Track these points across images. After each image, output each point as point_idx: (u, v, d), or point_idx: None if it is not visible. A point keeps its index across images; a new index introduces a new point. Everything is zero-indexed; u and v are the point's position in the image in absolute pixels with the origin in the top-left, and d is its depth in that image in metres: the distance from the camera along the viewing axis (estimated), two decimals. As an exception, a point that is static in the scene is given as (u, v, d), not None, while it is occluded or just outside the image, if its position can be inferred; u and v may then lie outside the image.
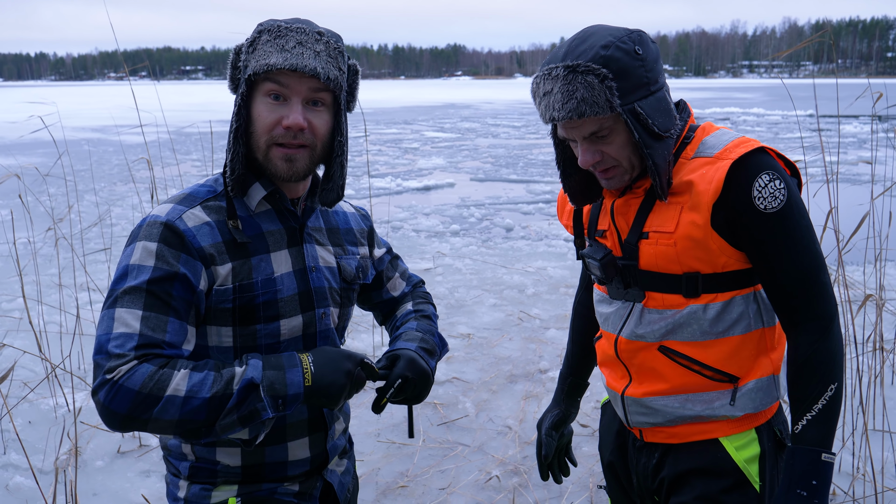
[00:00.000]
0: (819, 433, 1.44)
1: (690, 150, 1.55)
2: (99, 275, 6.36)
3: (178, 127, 22.00)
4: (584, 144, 1.52)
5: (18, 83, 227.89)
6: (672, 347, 1.58)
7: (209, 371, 1.31)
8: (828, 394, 1.45)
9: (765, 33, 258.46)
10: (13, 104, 38.92)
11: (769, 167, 1.46)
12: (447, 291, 6.39)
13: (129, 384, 1.26)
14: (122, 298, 1.34)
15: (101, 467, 3.50)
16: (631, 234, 1.58)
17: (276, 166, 1.44)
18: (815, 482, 1.42)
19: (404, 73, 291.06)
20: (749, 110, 34.25)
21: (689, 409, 1.60)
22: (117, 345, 1.30)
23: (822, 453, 1.43)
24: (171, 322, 1.35)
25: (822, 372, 1.46)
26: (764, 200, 1.45)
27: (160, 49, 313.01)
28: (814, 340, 1.47)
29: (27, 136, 5.08)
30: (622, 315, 1.65)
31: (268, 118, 1.42)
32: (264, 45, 1.40)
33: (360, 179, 13.10)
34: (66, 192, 5.53)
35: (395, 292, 1.79)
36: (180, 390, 1.28)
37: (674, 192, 1.52)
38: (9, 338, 4.81)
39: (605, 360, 1.75)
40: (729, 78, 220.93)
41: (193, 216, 1.43)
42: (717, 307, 1.54)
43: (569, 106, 1.45)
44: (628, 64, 1.45)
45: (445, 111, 38.60)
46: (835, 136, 20.83)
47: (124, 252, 1.42)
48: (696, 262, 1.52)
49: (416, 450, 3.67)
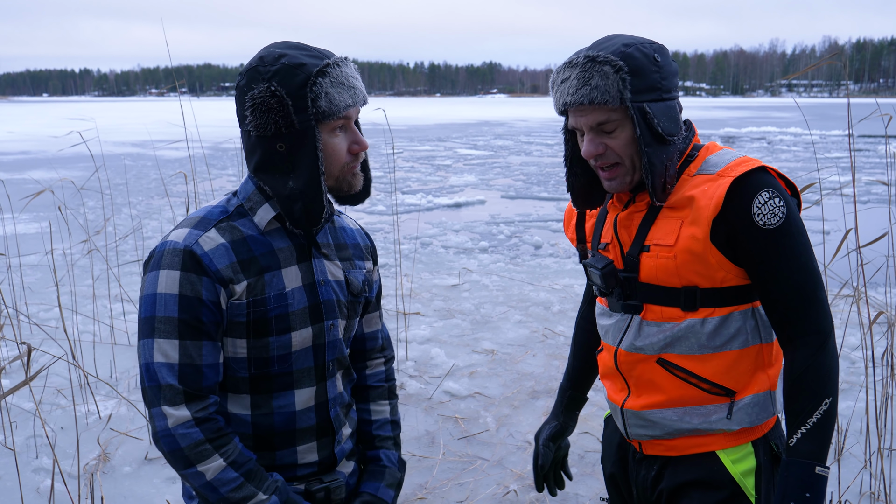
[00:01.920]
0: (813, 446, 1.47)
1: (694, 167, 1.60)
2: (132, 286, 6.51)
3: (216, 142, 22.39)
4: (590, 135, 1.56)
5: (63, 98, 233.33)
6: (670, 360, 1.61)
7: (241, 476, 1.48)
8: (822, 408, 1.48)
9: (804, 52, 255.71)
10: (55, 119, 39.88)
11: (769, 185, 1.50)
12: (473, 307, 6.43)
13: (179, 440, 1.45)
14: (158, 329, 1.47)
15: (128, 473, 3.59)
16: (633, 247, 1.62)
17: (350, 184, 1.58)
18: (809, 494, 1.45)
19: (440, 91, 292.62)
20: (786, 129, 33.89)
21: (686, 421, 1.63)
22: (163, 375, 1.46)
23: (816, 466, 1.46)
24: (205, 346, 1.49)
25: (817, 386, 1.49)
26: (763, 217, 1.48)
27: (200, 66, 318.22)
28: (809, 355, 1.50)
29: (68, 151, 5.26)
30: (621, 327, 1.68)
31: (342, 150, 1.54)
32: (332, 87, 1.49)
33: (391, 195, 13.22)
34: (103, 206, 5.69)
35: (368, 329, 1.84)
36: (209, 474, 1.45)
37: (675, 207, 1.57)
38: (45, 345, 4.95)
39: (605, 372, 1.78)
40: (767, 97, 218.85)
41: (209, 239, 1.50)
42: (714, 321, 1.57)
43: (582, 91, 1.51)
44: (645, 65, 1.52)
45: (479, 129, 38.75)
46: (874, 156, 20.52)
47: (147, 278, 1.51)
48: (694, 276, 1.55)
49: (436, 462, 3.71)
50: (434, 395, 4.55)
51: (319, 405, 1.63)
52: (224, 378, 1.55)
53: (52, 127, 29.00)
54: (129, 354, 5.12)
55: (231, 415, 1.57)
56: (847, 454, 3.57)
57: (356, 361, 1.85)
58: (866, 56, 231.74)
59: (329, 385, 1.65)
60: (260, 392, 1.57)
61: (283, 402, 1.59)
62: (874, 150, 22.38)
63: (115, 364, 4.89)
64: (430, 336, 5.66)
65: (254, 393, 1.57)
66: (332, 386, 1.66)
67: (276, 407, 1.58)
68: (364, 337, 1.84)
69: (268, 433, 1.59)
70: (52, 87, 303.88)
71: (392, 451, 1.81)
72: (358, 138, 1.55)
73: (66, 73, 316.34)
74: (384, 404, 1.84)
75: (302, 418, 1.61)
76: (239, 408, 1.57)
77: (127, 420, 4.11)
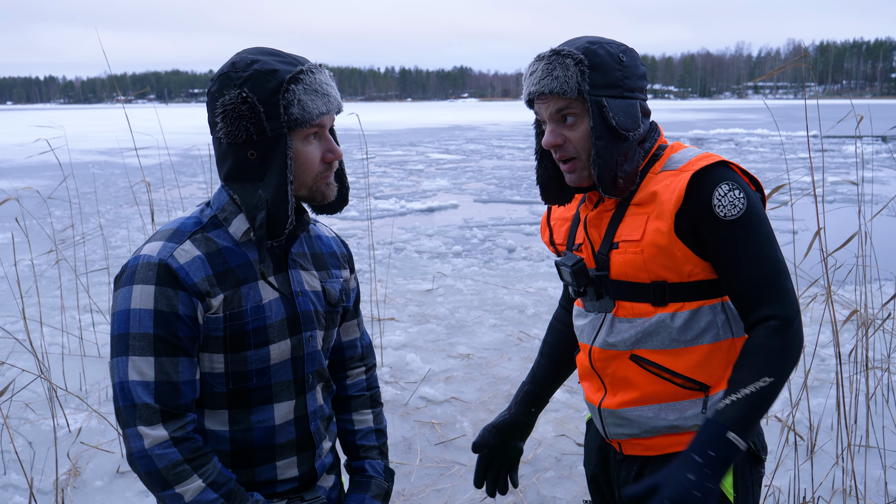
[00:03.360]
0: (735, 414, 1.45)
1: (658, 165, 1.64)
2: (101, 296, 6.42)
3: (184, 149, 22.17)
4: (551, 126, 1.62)
5: (27, 106, 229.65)
6: (642, 356, 1.64)
7: (220, 497, 1.44)
8: (759, 383, 1.47)
9: (769, 55, 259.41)
10: (21, 127, 39.27)
11: (729, 178, 1.55)
12: (448, 312, 6.42)
13: (156, 461, 1.40)
14: (133, 346, 1.42)
15: (100, 487, 3.53)
16: (602, 246, 1.66)
17: (323, 193, 1.54)
18: (713, 453, 1.43)
19: (411, 96, 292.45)
20: (753, 131, 34.33)
21: (662, 418, 1.64)
22: (138, 394, 1.41)
23: (730, 431, 1.44)
24: (181, 362, 1.45)
25: (761, 363, 1.49)
26: (724, 209, 1.52)
27: (168, 72, 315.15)
28: (764, 335, 1.50)
29: (34, 159, 5.15)
30: (595, 326, 1.71)
31: (315, 158, 1.50)
32: (305, 95, 1.45)
33: (364, 201, 13.18)
34: (71, 214, 5.60)
35: (345, 337, 1.80)
36: (187, 496, 1.41)
37: (641, 204, 1.61)
38: (12, 358, 4.86)
39: (583, 373, 1.80)
40: (734, 99, 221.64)
41: (184, 252, 1.46)
42: (684, 315, 1.60)
43: (544, 81, 1.58)
44: (607, 62, 1.59)
45: (451, 133, 38.80)
46: (839, 156, 20.87)
47: (120, 294, 1.46)
48: (662, 270, 1.58)
49: (413, 469, 3.69)
50: (410, 400, 4.54)
51: (299, 419, 1.60)
52: (201, 394, 1.51)
53: (18, 135, 28.55)
54: (98, 366, 5.04)
55: (208, 431, 1.53)
56: (819, 451, 3.62)
57: (336, 371, 1.82)
58: (829, 58, 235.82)
59: (309, 398, 1.61)
60: (238, 407, 1.53)
61: (262, 416, 1.55)
62: (839, 150, 22.76)
63: (85, 376, 4.81)
64: (405, 341, 5.64)
65: (231, 408, 1.53)
66: (312, 399, 1.63)
67: (254, 422, 1.54)
68: (342, 346, 1.80)
69: (246, 449, 1.55)
70: (16, 94, 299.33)
71: (377, 461, 1.78)
72: (332, 146, 1.52)
73: (31, 80, 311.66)
74: (366, 413, 1.81)
75: (281, 433, 1.57)
76: (216, 424, 1.53)
77: (98, 433, 4.04)
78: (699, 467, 1.42)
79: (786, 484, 3.32)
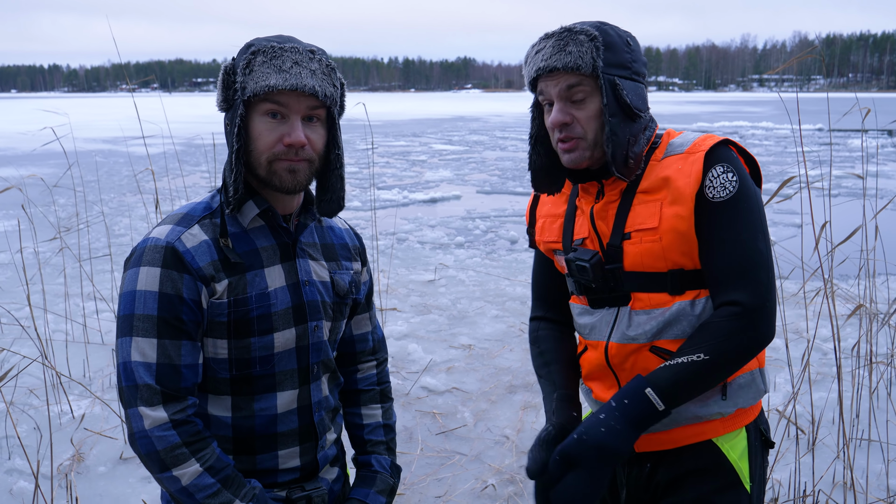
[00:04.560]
0: (661, 376, 1.47)
1: (660, 152, 1.61)
2: (104, 284, 6.43)
3: (188, 138, 22.18)
4: (559, 104, 1.56)
5: (32, 94, 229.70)
6: (663, 346, 1.59)
7: (217, 482, 1.43)
8: (694, 357, 1.46)
9: (775, 47, 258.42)
10: (26, 114, 39.28)
11: (726, 160, 1.53)
12: (450, 303, 6.43)
13: (156, 443, 1.41)
14: (137, 327, 1.43)
15: (103, 473, 3.55)
16: (613, 237, 1.60)
17: (280, 178, 1.48)
18: (627, 402, 1.47)
19: (414, 86, 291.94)
20: (758, 124, 34.23)
21: (684, 409, 1.59)
22: (140, 374, 1.42)
23: (650, 388, 1.46)
24: (184, 345, 1.45)
25: (704, 341, 1.48)
26: (713, 189, 1.51)
27: (172, 61, 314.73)
28: (721, 316, 1.49)
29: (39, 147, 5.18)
30: (608, 321, 1.66)
31: (269, 137, 1.46)
32: (261, 66, 1.43)
33: (367, 191, 13.18)
34: (75, 202, 5.62)
35: (357, 330, 1.80)
36: (184, 479, 1.41)
37: (650, 191, 1.58)
38: (16, 345, 4.88)
39: (592, 371, 1.73)
40: (739, 91, 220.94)
41: (191, 236, 1.48)
42: (702, 302, 1.57)
43: (556, 57, 1.53)
44: (618, 43, 1.56)
45: (454, 124, 38.73)
46: (844, 150, 20.80)
47: (128, 275, 1.47)
48: (680, 257, 1.55)
49: (414, 458, 3.71)
50: (411, 390, 4.55)
51: (302, 408, 1.60)
52: (204, 379, 1.52)
53: (22, 123, 28.57)
54: (102, 353, 5.06)
55: (211, 417, 1.54)
56: (820, 444, 3.62)
57: (346, 365, 1.81)
58: (836, 51, 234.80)
59: (313, 388, 1.61)
60: (241, 394, 1.54)
61: (265, 404, 1.55)
62: (844, 143, 22.69)
63: (89, 363, 4.83)
64: (407, 332, 5.66)
65: (235, 395, 1.53)
66: (317, 389, 1.62)
67: (257, 409, 1.54)
68: (354, 339, 1.80)
69: (248, 436, 1.55)
70: (21, 82, 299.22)
71: (384, 457, 1.77)
72: (291, 130, 1.46)
73: (35, 68, 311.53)
74: (376, 408, 1.80)
75: (284, 421, 1.57)
76: (220, 409, 1.54)
77: (101, 420, 4.06)
78: (612, 410, 1.47)
79: (786, 477, 3.33)
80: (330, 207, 1.59)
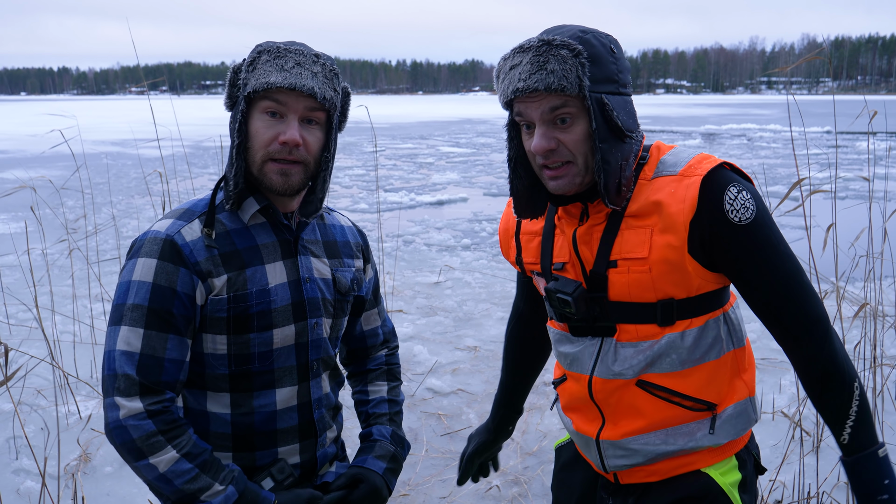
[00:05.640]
0: (866, 435, 1.44)
1: (649, 170, 1.47)
2: (113, 286, 6.46)
3: (197, 141, 22.25)
4: (542, 128, 1.40)
5: (42, 97, 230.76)
6: (651, 381, 1.50)
7: (195, 467, 1.42)
8: (856, 394, 1.43)
9: (783, 49, 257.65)
10: (34, 116, 39.48)
11: (734, 180, 1.42)
12: (456, 304, 6.44)
13: (131, 431, 1.39)
14: (126, 316, 1.43)
15: (110, 473, 3.57)
16: (597, 264, 1.48)
17: (271, 180, 1.50)
18: (888, 481, 1.42)
19: (422, 89, 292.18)
20: (766, 126, 34.14)
21: (671, 443, 1.52)
22: (121, 364, 1.41)
23: (877, 450, 1.43)
24: (170, 339, 1.45)
25: (842, 377, 1.43)
26: (737, 213, 1.39)
27: (181, 64, 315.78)
28: (820, 347, 1.43)
29: (48, 149, 5.22)
30: (591, 353, 1.54)
31: (265, 134, 1.48)
32: (264, 64, 1.46)
33: (374, 193, 13.21)
34: (84, 204, 5.65)
35: (367, 326, 1.82)
36: (161, 466, 1.40)
37: (640, 215, 1.44)
38: (24, 346, 4.91)
39: (572, 403, 1.64)
40: (747, 94, 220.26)
41: (191, 231, 1.49)
42: (693, 333, 1.47)
43: (536, 76, 1.35)
44: (603, 55, 1.39)
45: (461, 126, 38.74)
46: (852, 152, 20.73)
47: (126, 266, 1.49)
48: (671, 288, 1.44)
49: (419, 459, 3.72)
50: (417, 392, 4.56)
51: (302, 405, 1.60)
52: (203, 376, 1.53)
53: (32, 126, 28.72)
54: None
55: (210, 414, 1.54)
56: (824, 446, 3.62)
57: (359, 359, 1.83)
58: (844, 53, 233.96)
59: (313, 385, 1.61)
60: (240, 390, 1.54)
61: (264, 401, 1.55)
62: (853, 146, 22.60)
63: (96, 364, 4.86)
64: (412, 333, 5.67)
65: (234, 391, 1.54)
66: (317, 386, 1.62)
67: (256, 406, 1.55)
68: (364, 335, 1.82)
69: (248, 433, 1.55)
70: (31, 85, 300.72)
71: (385, 427, 1.77)
72: (287, 129, 1.47)
73: (45, 71, 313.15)
74: (381, 384, 1.82)
75: (283, 418, 1.57)
76: (218, 406, 1.54)
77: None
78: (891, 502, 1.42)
79: (791, 479, 3.33)
80: (308, 209, 1.60)
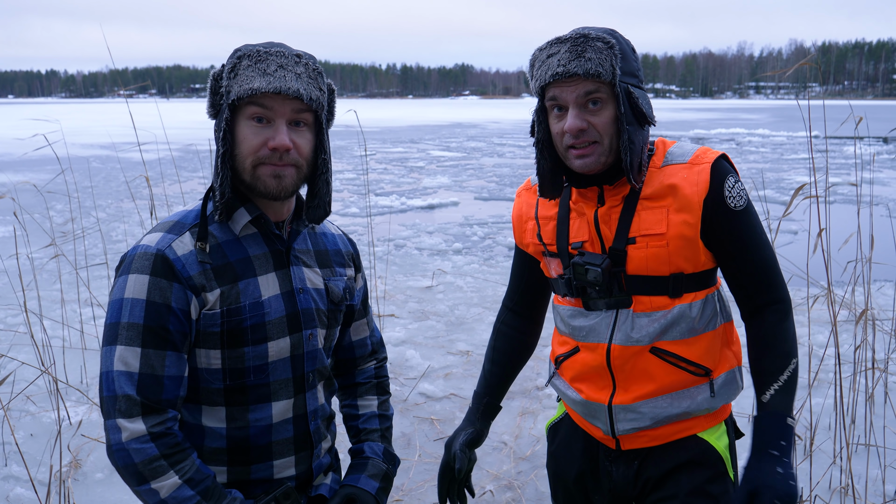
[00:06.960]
0: (784, 401, 1.58)
1: (658, 159, 1.67)
2: (101, 290, 6.43)
3: (185, 144, 22.16)
4: (575, 110, 1.57)
5: (28, 100, 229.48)
6: (663, 347, 1.66)
7: (197, 494, 1.40)
8: (790, 367, 1.60)
9: (771, 55, 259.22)
10: (19, 121, 39.24)
11: (731, 172, 1.63)
12: (448, 309, 6.43)
13: (133, 455, 1.38)
14: (122, 335, 1.40)
15: (100, 479, 3.54)
16: (617, 241, 1.65)
17: (265, 184, 1.46)
18: (784, 443, 1.54)
19: (412, 93, 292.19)
20: (754, 131, 34.32)
21: (676, 406, 1.68)
22: (121, 384, 1.39)
23: (787, 418, 1.57)
24: (168, 356, 1.42)
25: (785, 348, 1.61)
26: (733, 200, 1.61)
27: (170, 67, 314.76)
28: (777, 321, 1.63)
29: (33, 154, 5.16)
30: (608, 324, 1.69)
31: (253, 140, 1.44)
32: (245, 69, 1.42)
33: (365, 197, 13.19)
34: (70, 209, 5.61)
35: (355, 337, 1.79)
36: (163, 492, 1.38)
37: (654, 197, 1.63)
38: (13, 351, 4.87)
39: (584, 373, 1.76)
40: (735, 99, 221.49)
41: (182, 244, 1.45)
42: (698, 305, 1.66)
43: (575, 62, 1.54)
44: (628, 52, 1.60)
45: (452, 130, 38.78)
46: (839, 157, 20.86)
47: (117, 283, 1.45)
48: (683, 262, 1.62)
49: (412, 464, 3.70)
50: (409, 396, 4.55)
51: (298, 417, 1.58)
52: (198, 390, 1.49)
53: (17, 129, 28.51)
54: (99, 360, 5.04)
55: (205, 428, 1.51)
56: (817, 450, 3.63)
57: (347, 370, 1.80)
58: (831, 59, 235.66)
59: (309, 397, 1.59)
60: (235, 404, 1.51)
61: (260, 414, 1.52)
62: (840, 151, 22.75)
63: (86, 369, 4.82)
64: (404, 338, 5.66)
65: (229, 405, 1.51)
66: (313, 398, 1.60)
67: (251, 420, 1.52)
68: (353, 345, 1.79)
69: (243, 446, 1.52)
70: (18, 88, 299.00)
71: (377, 444, 1.75)
72: (276, 135, 1.44)
73: (32, 74, 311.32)
74: (371, 399, 1.80)
75: (279, 430, 1.55)
76: (213, 421, 1.51)
77: (98, 426, 4.05)
78: (780, 459, 1.51)
79: (783, 482, 3.33)
80: (317, 213, 1.57)
